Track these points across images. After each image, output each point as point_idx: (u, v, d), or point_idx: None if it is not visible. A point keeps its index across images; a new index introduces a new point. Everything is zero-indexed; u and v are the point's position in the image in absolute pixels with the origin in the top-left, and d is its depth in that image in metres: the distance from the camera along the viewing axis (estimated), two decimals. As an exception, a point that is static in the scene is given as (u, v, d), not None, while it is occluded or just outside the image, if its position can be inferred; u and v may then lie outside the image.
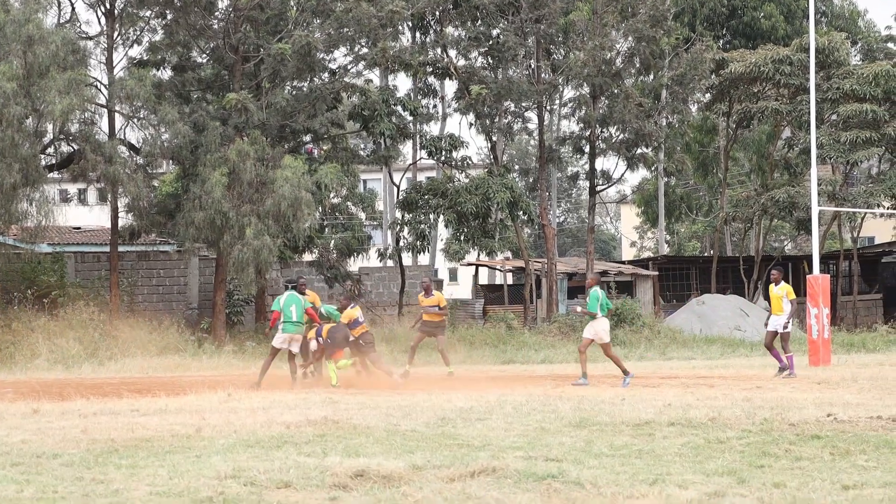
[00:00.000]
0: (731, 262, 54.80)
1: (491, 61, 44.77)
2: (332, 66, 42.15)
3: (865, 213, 51.17)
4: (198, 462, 11.56)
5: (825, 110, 45.90)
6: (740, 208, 51.94)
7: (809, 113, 33.30)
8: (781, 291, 25.91)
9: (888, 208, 48.59)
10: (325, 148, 44.05)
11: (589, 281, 25.20)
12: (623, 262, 61.31)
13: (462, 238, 44.12)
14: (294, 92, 40.96)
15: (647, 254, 77.66)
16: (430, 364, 31.05)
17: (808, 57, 33.65)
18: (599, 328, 23.75)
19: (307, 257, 45.58)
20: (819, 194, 35.13)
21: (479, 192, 42.04)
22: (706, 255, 63.87)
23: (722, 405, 17.07)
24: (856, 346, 38.55)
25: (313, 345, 25.04)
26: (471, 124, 45.91)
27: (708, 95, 51.45)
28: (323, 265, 43.09)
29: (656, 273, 52.63)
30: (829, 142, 45.01)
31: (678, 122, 48.15)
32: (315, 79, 40.95)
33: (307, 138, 42.48)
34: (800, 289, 48.72)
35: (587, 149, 46.56)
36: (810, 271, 33.38)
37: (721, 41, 58.53)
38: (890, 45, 70.11)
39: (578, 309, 24.89)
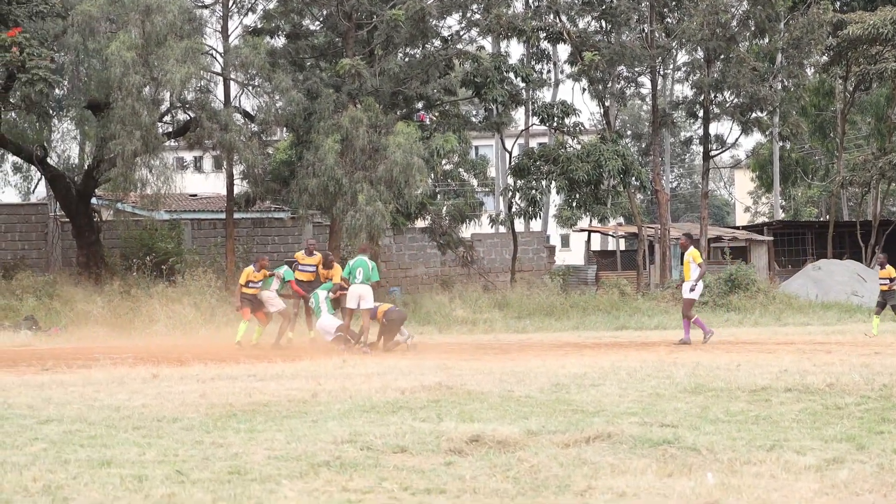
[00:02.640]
0: (847, 226, 54.10)
1: (604, 26, 44.50)
2: (445, 32, 42.23)
3: None
4: (314, 427, 11.68)
5: (945, 71, 45.13)
6: (857, 172, 51.20)
7: (929, 75, 32.76)
8: (689, 257, 25.88)
9: None
10: (436, 115, 44.12)
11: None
12: (737, 228, 60.81)
13: (574, 204, 44.07)
14: (407, 59, 41.05)
15: (761, 219, 76.85)
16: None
17: (929, 17, 33.06)
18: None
19: (419, 224, 45.76)
20: (939, 157, 34.53)
21: (590, 159, 41.87)
22: (822, 219, 63.07)
23: (839, 371, 16.85)
24: None
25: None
26: (584, 90, 45.70)
27: (825, 58, 50.70)
28: (435, 232, 43.19)
29: (771, 238, 52.15)
30: (951, 102, 44.28)
31: (794, 85, 47.51)
32: (427, 45, 41.03)
33: (419, 105, 42.54)
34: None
35: (701, 113, 46.21)
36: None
37: (838, 2, 57.53)
38: None
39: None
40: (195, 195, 55.01)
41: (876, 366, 17.79)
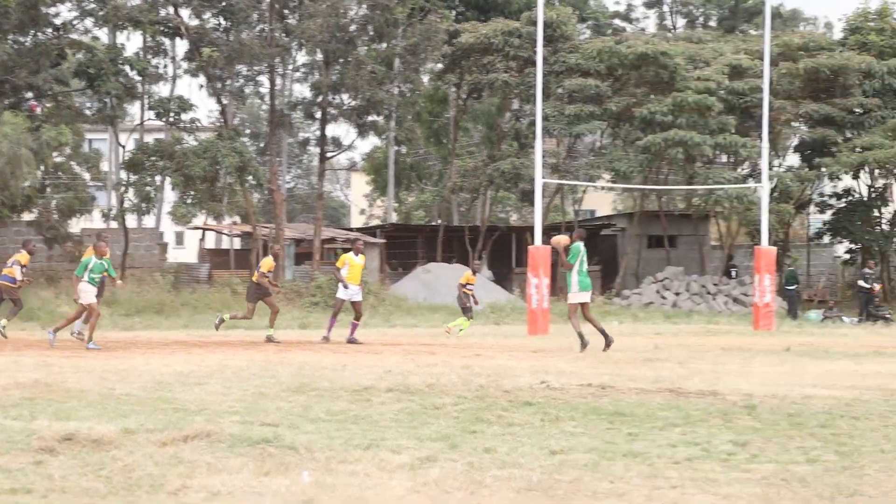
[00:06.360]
0: (457, 231, 55.53)
1: (224, 22, 44.20)
2: (58, 20, 41.06)
3: (587, 187, 52.54)
4: None
5: (552, 83, 46.82)
6: (468, 178, 52.65)
7: (536, 85, 33.94)
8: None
9: (608, 181, 49.97)
10: (48, 105, 42.84)
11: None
12: (351, 230, 61.52)
13: (189, 201, 43.62)
14: (16, 46, 39.65)
15: (375, 221, 78.03)
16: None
17: (537, 30, 34.25)
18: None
19: (26, 217, 44.29)
20: (543, 166, 35.89)
21: (207, 156, 41.57)
22: (433, 224, 64.58)
23: (440, 372, 17.28)
24: (574, 316, 39.46)
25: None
26: (201, 86, 45.32)
27: (440, 65, 51.95)
28: (42, 225, 41.95)
29: (384, 241, 52.95)
30: (555, 114, 46.01)
31: (410, 91, 48.47)
32: (39, 33, 39.78)
33: (29, 95, 41.19)
34: (522, 259, 49.79)
35: (318, 114, 46.49)
36: (532, 242, 34.06)
37: (454, 12, 59.00)
38: (617, 21, 72.15)
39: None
40: None
41: (475, 367, 18.32)
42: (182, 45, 46.17)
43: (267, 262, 26.84)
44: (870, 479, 9.27)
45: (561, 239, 24.01)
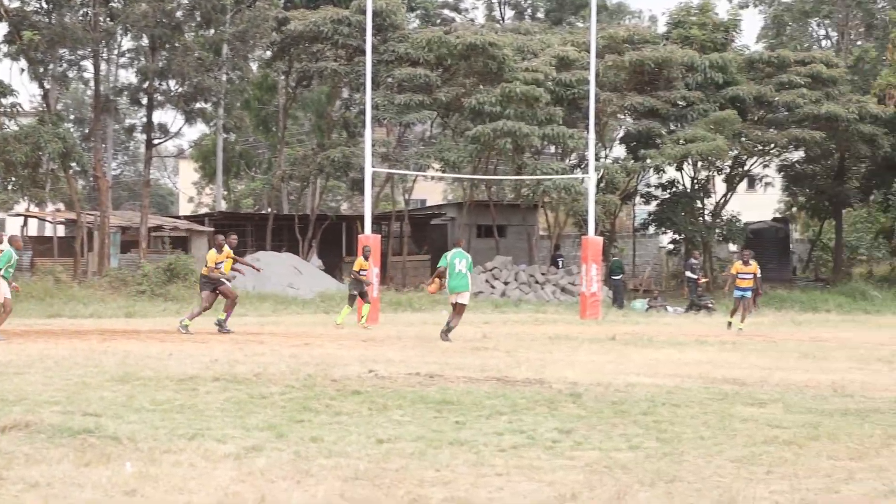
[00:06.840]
0: (287, 219, 55.24)
1: (45, 5, 43.27)
2: None
3: (417, 176, 52.70)
4: None
5: (381, 72, 46.76)
6: (297, 167, 52.38)
7: (365, 74, 33.88)
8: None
9: (438, 171, 50.15)
10: None
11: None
12: (179, 218, 60.81)
13: (10, 187, 42.66)
14: None
15: (204, 210, 77.20)
16: None
17: (366, 18, 34.21)
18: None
19: None
20: (373, 155, 35.88)
21: (29, 141, 40.65)
22: (263, 212, 64.16)
23: (268, 361, 17.21)
24: (403, 305, 39.60)
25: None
26: (22, 70, 44.29)
27: (268, 53, 51.59)
28: None
29: (212, 229, 52.42)
30: (385, 103, 45.98)
31: (238, 78, 48.06)
32: None
33: None
34: (353, 248, 49.78)
35: (145, 101, 45.83)
36: (363, 231, 34.03)
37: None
38: (446, 11, 72.51)
39: None
40: None
41: (304, 356, 18.29)
42: (1, 28, 45.11)
43: (212, 256, 26.29)
44: (689, 465, 9.46)
45: (430, 286, 24.99)
